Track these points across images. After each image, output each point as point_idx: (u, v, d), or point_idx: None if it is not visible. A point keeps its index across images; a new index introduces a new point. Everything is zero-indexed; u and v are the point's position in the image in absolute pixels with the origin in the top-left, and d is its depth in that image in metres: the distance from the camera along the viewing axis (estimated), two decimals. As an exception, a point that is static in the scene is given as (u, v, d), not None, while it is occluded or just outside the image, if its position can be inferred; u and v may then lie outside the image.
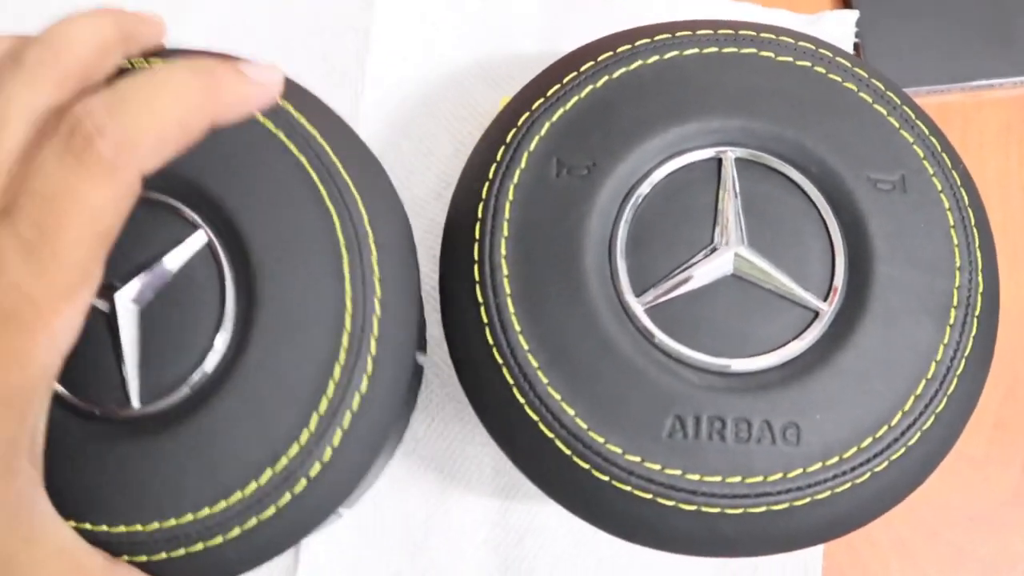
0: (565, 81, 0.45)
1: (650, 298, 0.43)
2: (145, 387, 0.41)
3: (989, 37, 0.55)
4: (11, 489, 0.34)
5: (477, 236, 0.44)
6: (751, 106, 0.45)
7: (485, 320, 0.43)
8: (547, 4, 0.55)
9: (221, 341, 0.42)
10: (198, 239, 0.42)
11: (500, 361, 0.42)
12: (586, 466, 0.41)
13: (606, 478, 0.41)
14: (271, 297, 0.41)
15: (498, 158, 0.45)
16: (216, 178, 0.42)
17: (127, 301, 0.42)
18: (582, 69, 0.46)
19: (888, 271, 0.43)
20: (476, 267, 0.43)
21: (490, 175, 0.45)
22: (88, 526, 0.40)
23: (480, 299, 0.43)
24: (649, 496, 0.41)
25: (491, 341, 0.43)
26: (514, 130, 0.45)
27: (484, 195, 0.44)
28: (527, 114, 0.45)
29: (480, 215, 0.44)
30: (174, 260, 0.42)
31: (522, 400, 0.42)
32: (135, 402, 0.41)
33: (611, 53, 0.46)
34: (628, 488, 0.41)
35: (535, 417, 0.42)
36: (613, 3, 0.55)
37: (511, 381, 0.42)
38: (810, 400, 0.42)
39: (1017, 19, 0.56)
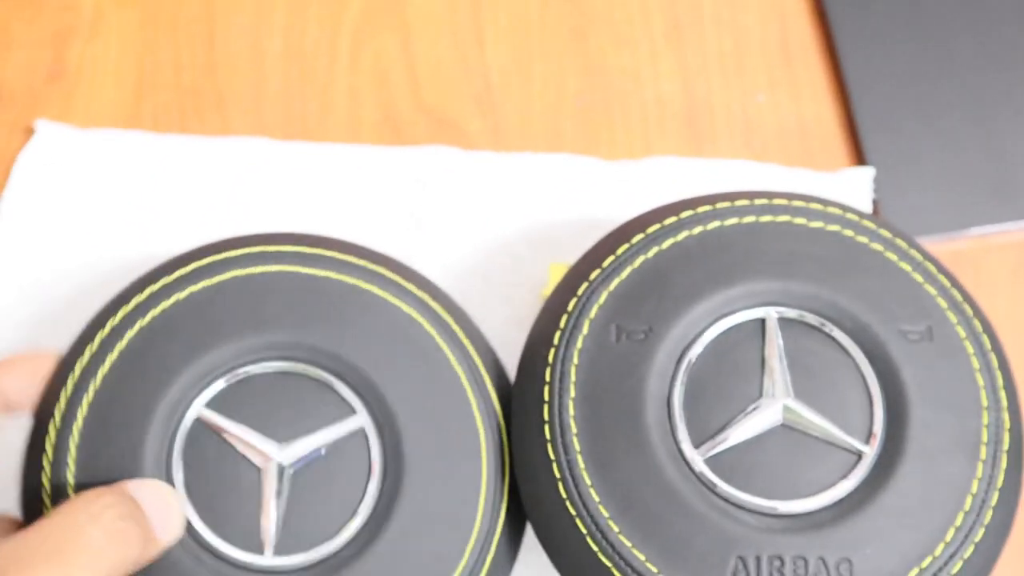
0: (619, 253, 0.50)
1: (708, 448, 0.47)
2: (282, 543, 0.47)
3: (994, 185, 0.60)
4: None
5: (546, 398, 0.48)
6: (789, 269, 0.49)
7: (558, 476, 0.47)
8: (587, 174, 0.60)
9: (366, 507, 0.47)
10: (355, 421, 0.48)
11: (573, 512, 0.46)
12: (658, 606, 0.45)
13: (676, 617, 0.45)
14: (413, 493, 0.47)
15: (562, 325, 0.49)
16: (378, 369, 0.49)
17: (279, 464, 0.47)
18: (633, 241, 0.50)
19: (922, 414, 0.47)
20: (547, 427, 0.47)
21: (555, 341, 0.49)
22: None
23: (552, 456, 0.47)
24: (717, 633, 0.45)
25: (564, 495, 0.46)
26: (575, 299, 0.49)
27: (551, 360, 0.48)
28: (586, 284, 0.50)
29: (548, 379, 0.48)
30: (329, 434, 0.48)
31: (595, 548, 0.46)
32: (268, 554, 0.47)
33: (659, 225, 0.50)
34: (697, 626, 0.45)
35: (608, 563, 0.45)
36: (649, 171, 0.60)
37: (584, 531, 0.46)
38: (860, 536, 0.45)
39: (1017, 168, 0.61)
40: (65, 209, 0.59)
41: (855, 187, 0.60)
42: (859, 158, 0.61)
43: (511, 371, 0.52)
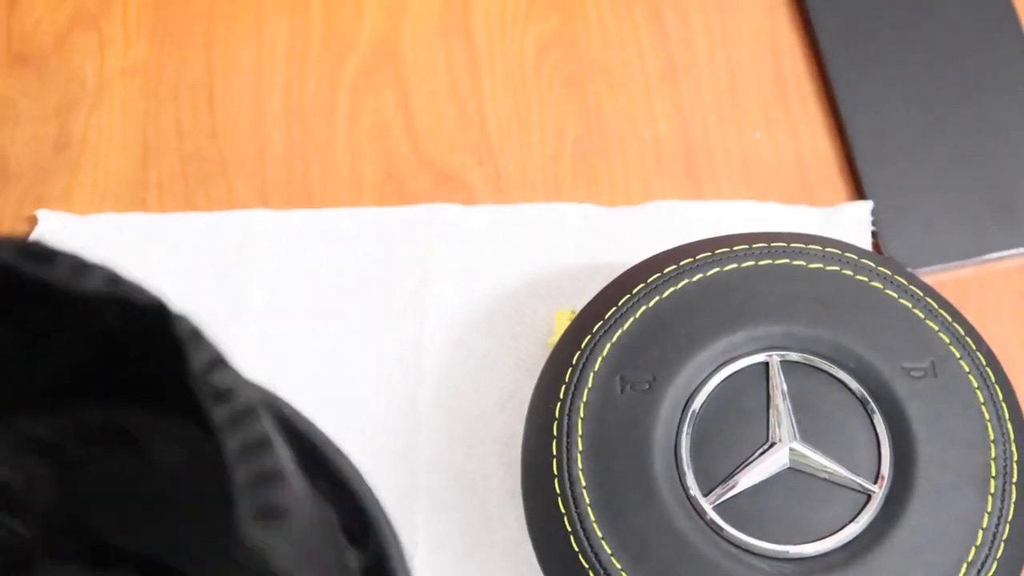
0: (620, 303, 0.51)
1: (717, 495, 0.47)
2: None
3: (992, 212, 0.60)
4: None
5: (555, 452, 0.48)
6: (790, 312, 0.50)
7: (569, 529, 0.47)
8: (588, 221, 0.61)
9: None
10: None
11: (586, 565, 0.47)
12: (674, 656, 0.45)
13: (694, 666, 0.45)
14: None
15: (567, 379, 0.50)
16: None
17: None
18: (634, 291, 0.51)
19: (929, 451, 0.48)
20: (556, 481, 0.48)
21: (561, 395, 0.49)
22: None
23: (563, 510, 0.47)
24: None
25: (576, 548, 0.47)
26: (578, 352, 0.50)
27: (557, 414, 0.49)
28: (588, 337, 0.50)
29: (555, 433, 0.49)
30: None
31: (610, 600, 0.46)
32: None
33: (659, 274, 0.51)
34: (715, 674, 0.45)
35: (624, 615, 0.46)
36: (649, 215, 0.61)
37: (598, 583, 0.46)
38: (872, 577, 0.46)
39: (1015, 193, 0.61)
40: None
41: (854, 221, 0.60)
42: (857, 191, 0.62)
43: (520, 423, 0.52)
